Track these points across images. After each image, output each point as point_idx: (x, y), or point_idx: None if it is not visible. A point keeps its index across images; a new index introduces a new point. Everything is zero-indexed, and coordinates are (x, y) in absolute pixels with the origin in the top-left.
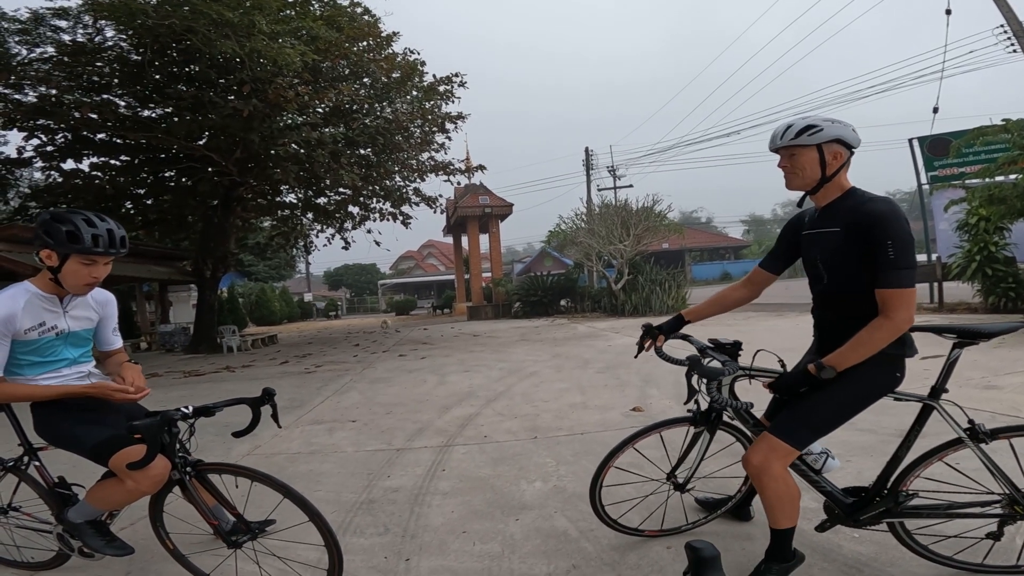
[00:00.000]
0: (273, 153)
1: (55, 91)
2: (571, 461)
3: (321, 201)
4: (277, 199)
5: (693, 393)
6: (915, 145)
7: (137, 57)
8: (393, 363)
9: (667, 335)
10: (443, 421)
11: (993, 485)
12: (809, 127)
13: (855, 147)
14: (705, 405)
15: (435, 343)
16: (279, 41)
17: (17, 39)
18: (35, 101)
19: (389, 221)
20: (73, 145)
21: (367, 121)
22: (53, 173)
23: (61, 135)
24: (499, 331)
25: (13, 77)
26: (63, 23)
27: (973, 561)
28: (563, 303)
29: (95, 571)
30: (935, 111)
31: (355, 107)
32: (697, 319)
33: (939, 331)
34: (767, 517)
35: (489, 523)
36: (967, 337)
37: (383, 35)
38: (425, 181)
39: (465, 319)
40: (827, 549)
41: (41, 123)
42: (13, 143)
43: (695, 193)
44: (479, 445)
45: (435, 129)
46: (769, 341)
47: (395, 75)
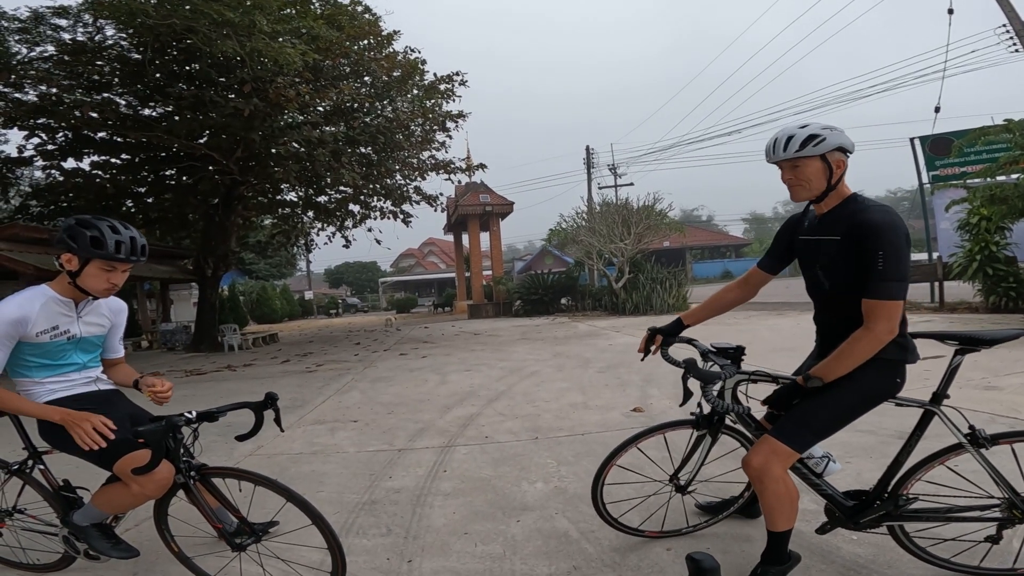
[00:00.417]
0: (274, 152)
1: (55, 90)
2: (572, 462)
3: (322, 199)
4: (278, 197)
5: (689, 395)
6: (916, 144)
7: (138, 56)
8: (394, 362)
9: (666, 338)
10: (444, 421)
11: (993, 489)
12: (812, 137)
13: (852, 152)
14: (708, 409)
15: (436, 342)
16: (280, 40)
17: (17, 38)
18: (35, 100)
19: (390, 219)
20: (74, 144)
21: (368, 120)
22: (54, 172)
23: (61, 134)
24: (500, 330)
25: (13, 76)
26: (63, 22)
27: (970, 564)
28: (564, 301)
29: (101, 573)
30: (937, 110)
31: (356, 106)
32: (696, 322)
33: (941, 338)
34: (765, 519)
35: (491, 524)
36: (969, 344)
37: (384, 34)
38: (426, 180)
39: (466, 317)
40: (825, 551)
41: (41, 122)
42: (14, 142)
43: (696, 192)
44: (480, 445)
45: (436, 128)
46: (770, 340)
47: (396, 74)
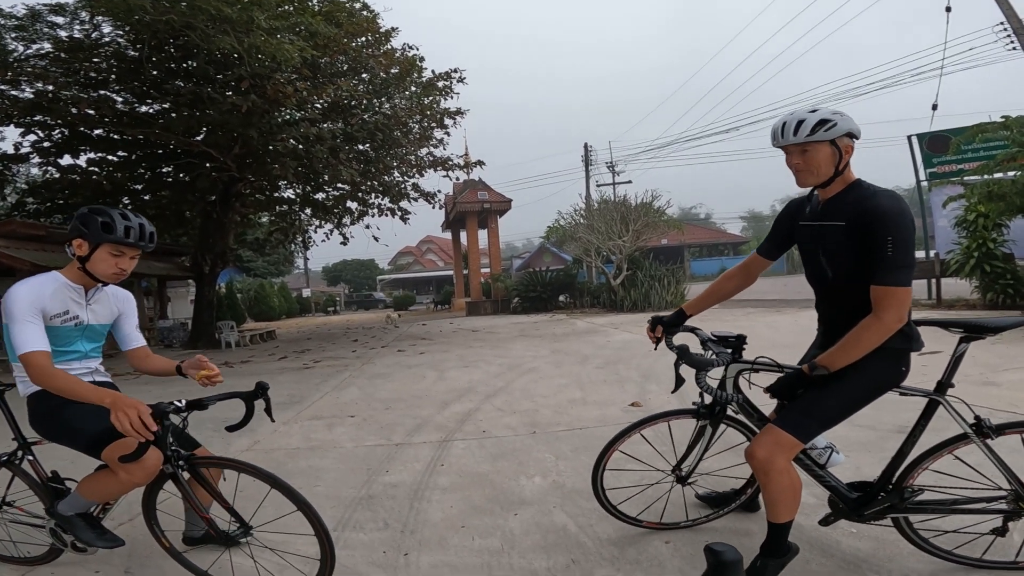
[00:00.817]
0: (272, 149)
1: (52, 87)
2: (570, 456)
3: (319, 197)
4: (276, 195)
5: (681, 382)
6: (914, 142)
7: (135, 53)
8: (392, 359)
9: (668, 328)
10: (442, 416)
11: (999, 481)
12: (824, 121)
13: (859, 138)
14: (709, 399)
15: (434, 339)
16: (277, 37)
17: (14, 35)
18: (32, 97)
19: (388, 217)
20: (70, 141)
21: (366, 117)
22: (50, 169)
23: (58, 131)
24: (498, 327)
25: (10, 73)
26: (60, 19)
27: (973, 556)
28: (562, 299)
29: (93, 566)
30: (934, 108)
31: (354, 103)
32: (697, 311)
33: (945, 325)
34: (766, 511)
35: (488, 518)
36: (974, 331)
37: (382, 31)
38: (424, 176)
39: (464, 315)
40: (825, 544)
41: (38, 119)
42: (10, 139)
43: (694, 190)
44: (478, 440)
45: (434, 125)
46: (770, 337)
47: (394, 71)
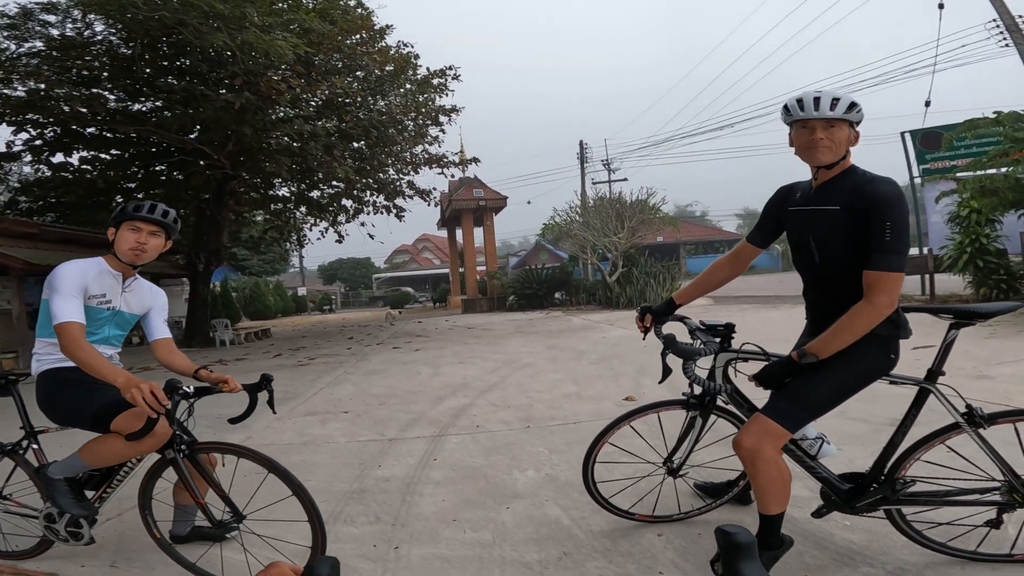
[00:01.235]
0: (265, 146)
1: (43, 86)
2: (564, 450)
3: (314, 195)
4: (270, 193)
5: (668, 372)
6: (907, 138)
7: (127, 51)
8: (387, 355)
9: (657, 317)
10: (436, 411)
11: (992, 471)
12: (855, 104)
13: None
14: (699, 389)
15: (430, 336)
16: (271, 34)
17: (6, 34)
18: (24, 96)
19: (383, 214)
20: (62, 139)
21: (360, 115)
22: (42, 167)
23: (50, 129)
24: (494, 324)
25: (2, 72)
26: (52, 18)
27: (967, 548)
28: (558, 296)
29: (80, 560)
30: (927, 105)
31: (348, 100)
32: (688, 300)
33: (935, 311)
34: (757, 502)
35: (481, 511)
36: (964, 318)
37: (376, 28)
38: (419, 174)
39: (460, 312)
40: (819, 537)
41: (30, 117)
42: (2, 137)
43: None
44: (472, 435)
45: (429, 122)
46: (763, 332)
47: (388, 68)
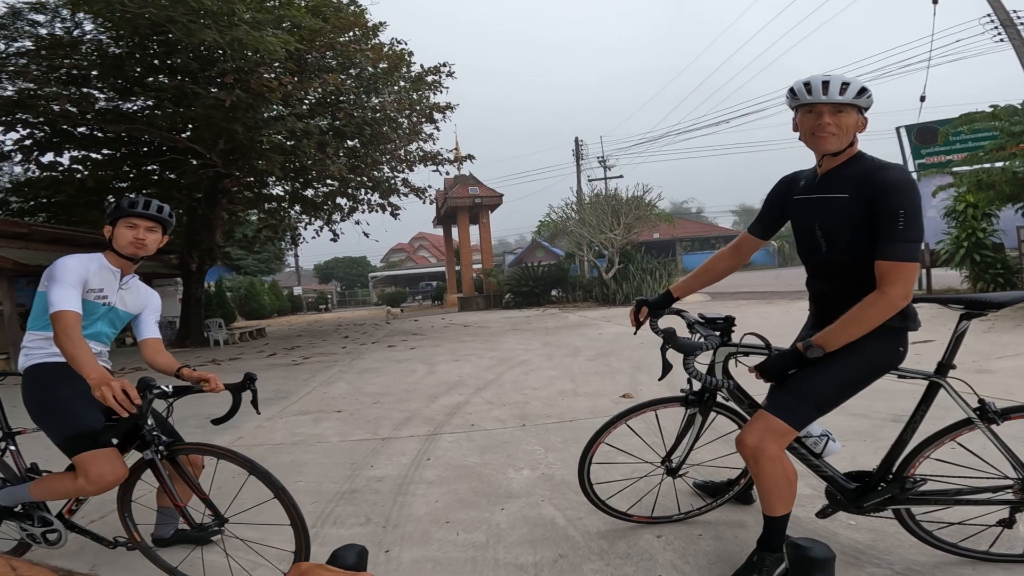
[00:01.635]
0: (258, 144)
1: (32, 84)
2: (560, 448)
3: (308, 193)
4: (264, 191)
5: (668, 368)
6: (902, 133)
7: (117, 50)
8: (382, 353)
9: (653, 311)
10: (431, 410)
11: (1005, 469)
12: (865, 89)
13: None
14: (698, 385)
15: (425, 334)
16: (261, 30)
17: None
18: (13, 96)
19: (378, 212)
20: (51, 139)
21: (354, 112)
22: (31, 167)
23: (40, 129)
24: (490, 321)
25: None
26: (41, 17)
27: (979, 549)
28: (554, 293)
29: (58, 562)
30: (922, 99)
31: (342, 98)
32: (687, 293)
33: (945, 302)
34: (761, 503)
35: (474, 512)
36: (975, 308)
37: (369, 25)
38: (414, 171)
39: (456, 310)
40: (824, 536)
41: (20, 117)
42: None
43: (686, 184)
44: (467, 433)
45: (423, 119)
46: (760, 327)
47: (382, 65)
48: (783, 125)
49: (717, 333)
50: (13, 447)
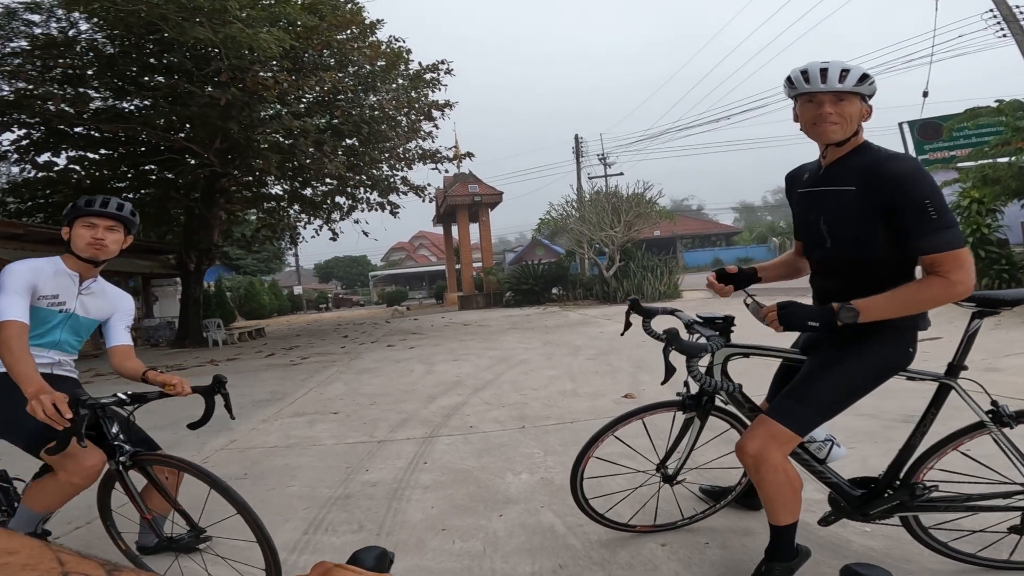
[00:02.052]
0: (255, 143)
1: (29, 85)
2: (559, 451)
3: (307, 192)
4: (262, 191)
5: (672, 371)
6: (905, 129)
7: (112, 50)
8: (380, 353)
9: (739, 287)
10: (428, 411)
11: (1015, 474)
12: (867, 76)
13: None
14: (695, 388)
15: (424, 333)
16: (255, 28)
17: None
18: (9, 96)
19: (377, 211)
20: (47, 139)
21: (352, 111)
22: (27, 167)
23: (37, 129)
24: (490, 320)
25: None
26: (36, 17)
27: (999, 558)
28: (555, 291)
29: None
30: (925, 95)
31: (340, 97)
32: (772, 278)
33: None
34: (766, 512)
35: (471, 519)
36: (988, 306)
37: (366, 23)
38: (413, 170)
39: (456, 309)
40: (835, 544)
41: (16, 117)
42: None
43: (686, 182)
44: (464, 436)
45: (422, 117)
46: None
47: (380, 63)
48: (784, 121)
49: (717, 333)
50: None
